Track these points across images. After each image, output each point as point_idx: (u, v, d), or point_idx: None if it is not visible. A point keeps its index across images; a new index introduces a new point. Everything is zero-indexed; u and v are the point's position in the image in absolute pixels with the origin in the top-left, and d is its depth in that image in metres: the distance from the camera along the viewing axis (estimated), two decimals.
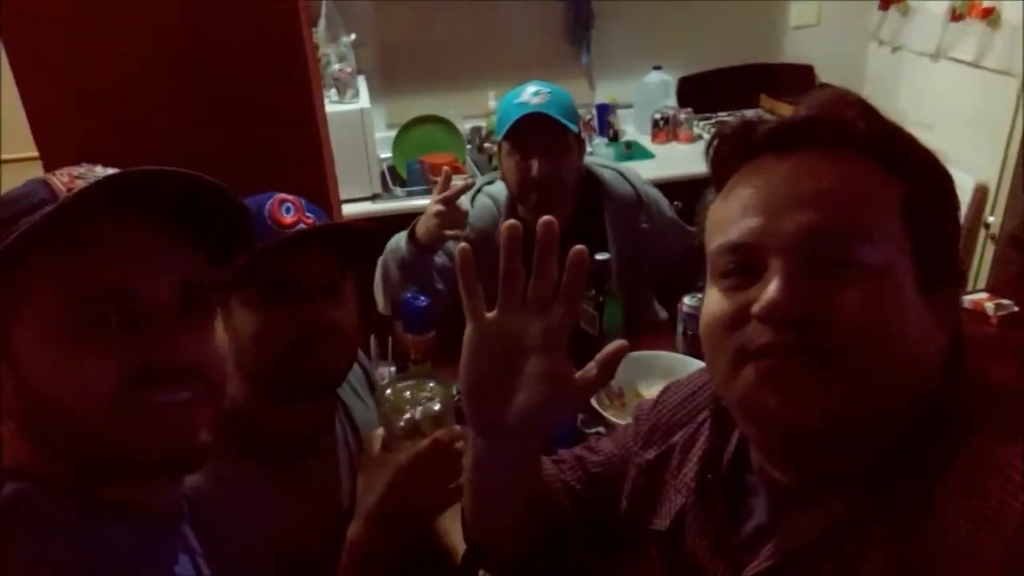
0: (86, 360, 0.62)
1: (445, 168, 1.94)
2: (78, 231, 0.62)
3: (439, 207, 1.66)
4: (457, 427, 0.99)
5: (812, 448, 0.66)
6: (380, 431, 1.05)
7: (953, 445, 0.61)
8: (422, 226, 1.70)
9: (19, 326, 0.63)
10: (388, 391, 1.02)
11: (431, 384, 1.01)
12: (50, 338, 0.62)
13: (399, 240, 1.74)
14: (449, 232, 1.66)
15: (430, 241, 1.69)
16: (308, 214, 1.04)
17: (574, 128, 1.78)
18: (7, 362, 0.63)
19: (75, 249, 0.63)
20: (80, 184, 0.63)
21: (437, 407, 0.99)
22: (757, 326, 0.63)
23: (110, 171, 0.65)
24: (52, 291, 0.62)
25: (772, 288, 0.62)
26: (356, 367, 1.23)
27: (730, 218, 0.68)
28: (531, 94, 1.77)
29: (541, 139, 1.74)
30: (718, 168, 0.73)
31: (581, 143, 1.85)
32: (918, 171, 0.65)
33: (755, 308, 0.63)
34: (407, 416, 0.98)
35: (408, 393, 1.00)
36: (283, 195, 1.04)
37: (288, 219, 1.02)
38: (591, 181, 1.88)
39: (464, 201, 1.73)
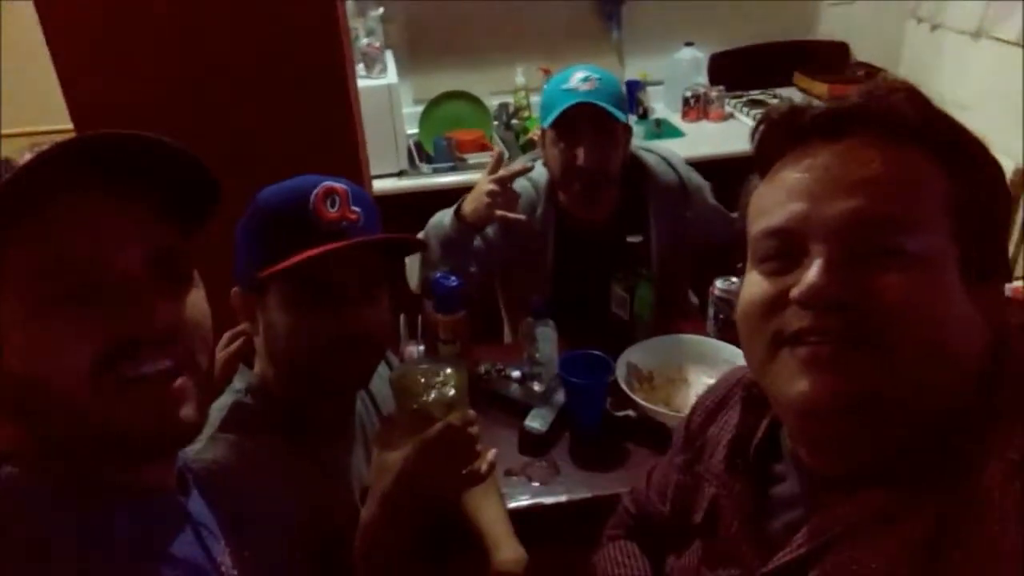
0: (61, 336, 0.61)
1: (498, 148, 1.91)
2: (41, 205, 0.60)
3: (493, 187, 1.59)
4: (471, 412, 0.98)
5: (848, 435, 0.66)
6: (393, 414, 1.04)
7: (994, 437, 0.61)
8: (470, 204, 1.64)
9: None
10: (402, 375, 1.00)
11: (446, 369, 1.00)
12: (23, 316, 0.61)
13: (443, 217, 1.69)
14: (500, 213, 1.60)
15: (478, 220, 1.63)
16: (354, 208, 1.00)
17: (623, 118, 1.72)
18: None
19: (39, 223, 0.61)
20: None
21: (451, 392, 0.97)
22: (796, 311, 0.63)
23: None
24: (20, 268, 0.61)
25: (812, 272, 0.62)
26: None
27: (774, 203, 0.68)
28: (580, 80, 1.69)
29: (589, 129, 1.68)
30: (763, 152, 0.72)
31: (628, 132, 1.79)
32: (968, 163, 0.64)
33: (794, 292, 0.63)
34: (420, 400, 0.96)
35: (421, 378, 0.98)
36: (329, 183, 0.99)
37: (333, 214, 0.98)
38: (635, 166, 1.84)
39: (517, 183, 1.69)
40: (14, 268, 0.61)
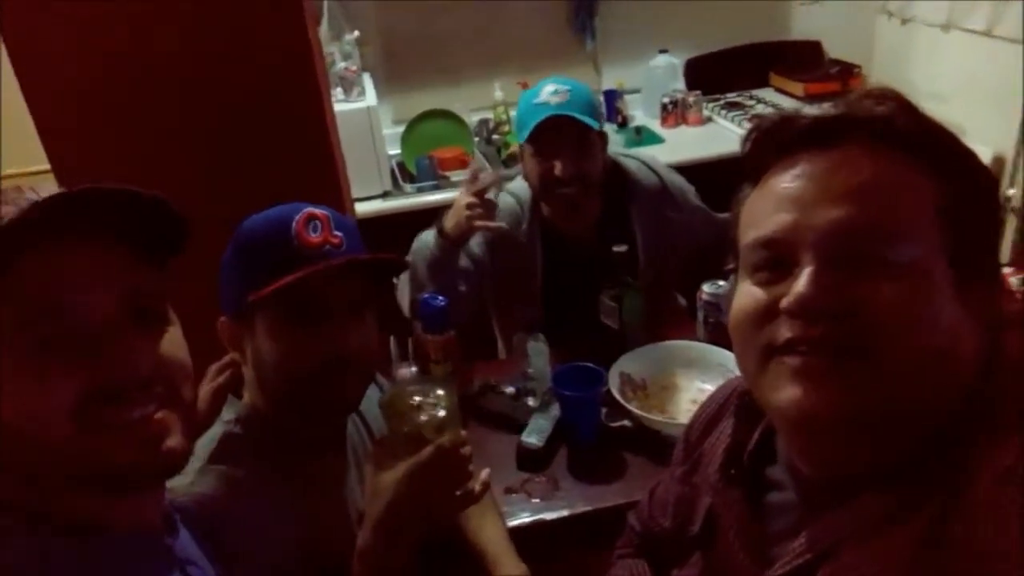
0: (39, 386, 0.61)
1: (473, 163, 1.92)
2: (15, 260, 0.61)
3: (470, 199, 1.63)
4: (463, 432, 0.98)
5: (841, 444, 0.66)
6: (385, 437, 1.03)
7: (987, 440, 0.61)
8: (451, 220, 1.67)
9: None
10: (392, 397, 1.00)
11: (437, 390, 0.99)
12: (1, 367, 0.61)
13: (427, 238, 1.71)
14: (479, 224, 1.63)
15: (460, 234, 1.66)
16: (336, 232, 1.00)
17: (596, 125, 1.74)
18: None
19: (14, 277, 0.61)
20: (9, 211, 0.61)
21: (441, 413, 0.97)
22: (786, 320, 0.63)
23: (43, 194, 0.64)
24: None
25: (801, 282, 0.62)
26: None
27: (763, 213, 0.68)
28: (550, 93, 1.72)
29: (564, 140, 1.71)
30: (753, 162, 0.72)
31: (604, 138, 1.81)
32: (956, 169, 0.64)
33: (784, 302, 0.63)
34: (411, 422, 0.96)
35: (412, 399, 0.98)
36: (311, 209, 1.00)
37: (315, 239, 0.98)
38: (616, 172, 1.86)
39: (493, 193, 1.71)
40: None
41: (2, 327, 0.61)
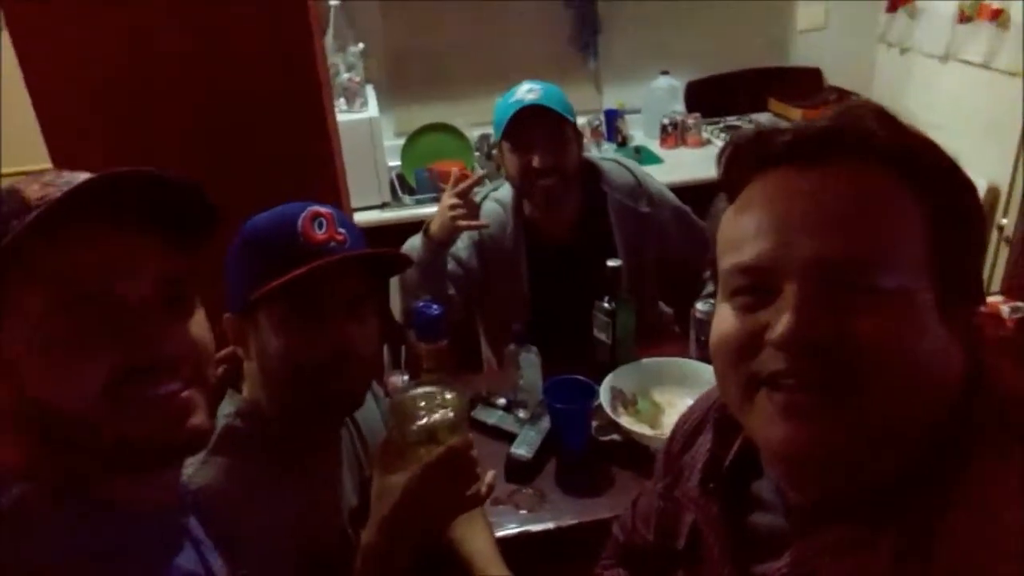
0: (74, 364, 0.64)
1: (454, 169, 1.97)
2: (53, 239, 0.63)
3: (453, 200, 1.71)
4: (469, 435, 1.00)
5: (829, 473, 0.65)
6: (391, 436, 1.04)
7: (969, 464, 0.60)
8: (436, 222, 1.75)
9: (4, 333, 0.64)
10: (402, 399, 1.02)
11: (446, 393, 1.01)
12: (36, 345, 0.63)
13: (413, 241, 1.78)
14: (463, 223, 1.71)
15: (445, 235, 1.74)
16: (340, 229, 1.02)
17: (570, 118, 1.80)
18: None
19: (52, 257, 0.63)
20: (51, 191, 0.63)
21: (451, 415, 0.99)
22: (772, 352, 0.62)
23: (79, 176, 0.66)
24: (33, 299, 0.63)
25: (787, 317, 0.60)
26: None
27: (743, 237, 0.65)
28: (524, 91, 1.81)
29: (540, 131, 1.78)
30: (731, 178, 0.70)
31: (578, 134, 1.87)
32: (942, 185, 0.62)
33: (770, 336, 0.62)
34: (421, 423, 0.98)
35: (422, 401, 1.00)
36: (316, 207, 1.02)
37: (320, 236, 1.00)
38: (592, 172, 1.91)
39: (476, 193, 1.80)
40: (26, 300, 0.63)
41: (40, 308, 0.63)
